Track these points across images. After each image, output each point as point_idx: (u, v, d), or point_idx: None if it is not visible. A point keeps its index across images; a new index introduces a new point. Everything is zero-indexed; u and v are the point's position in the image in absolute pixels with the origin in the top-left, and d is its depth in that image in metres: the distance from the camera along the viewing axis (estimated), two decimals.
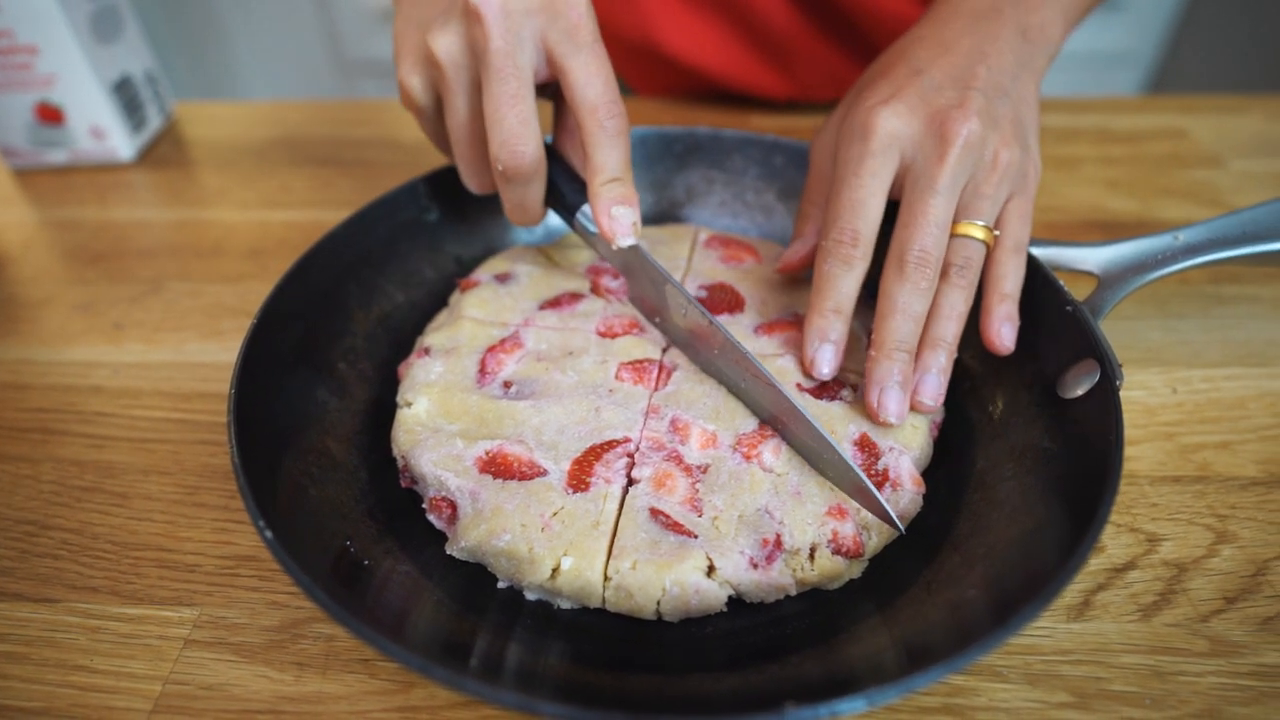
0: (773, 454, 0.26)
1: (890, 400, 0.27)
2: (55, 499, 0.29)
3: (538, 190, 0.30)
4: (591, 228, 0.30)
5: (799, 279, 0.34)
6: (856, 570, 0.25)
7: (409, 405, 0.29)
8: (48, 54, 0.46)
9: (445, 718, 0.23)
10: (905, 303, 0.27)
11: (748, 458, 0.26)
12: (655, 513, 0.25)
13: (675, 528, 0.24)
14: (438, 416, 0.29)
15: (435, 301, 0.35)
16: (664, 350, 0.31)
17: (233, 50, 2.01)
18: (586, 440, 0.27)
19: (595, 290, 0.33)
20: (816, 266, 0.29)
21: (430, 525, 0.27)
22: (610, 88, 0.28)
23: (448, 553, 0.26)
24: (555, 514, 0.25)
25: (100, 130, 0.49)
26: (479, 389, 0.30)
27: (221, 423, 0.32)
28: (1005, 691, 0.23)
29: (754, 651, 0.23)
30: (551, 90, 0.31)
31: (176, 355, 0.36)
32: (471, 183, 0.32)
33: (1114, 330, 0.35)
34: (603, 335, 0.31)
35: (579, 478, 0.26)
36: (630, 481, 0.26)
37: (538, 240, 0.39)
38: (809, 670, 0.21)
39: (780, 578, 0.24)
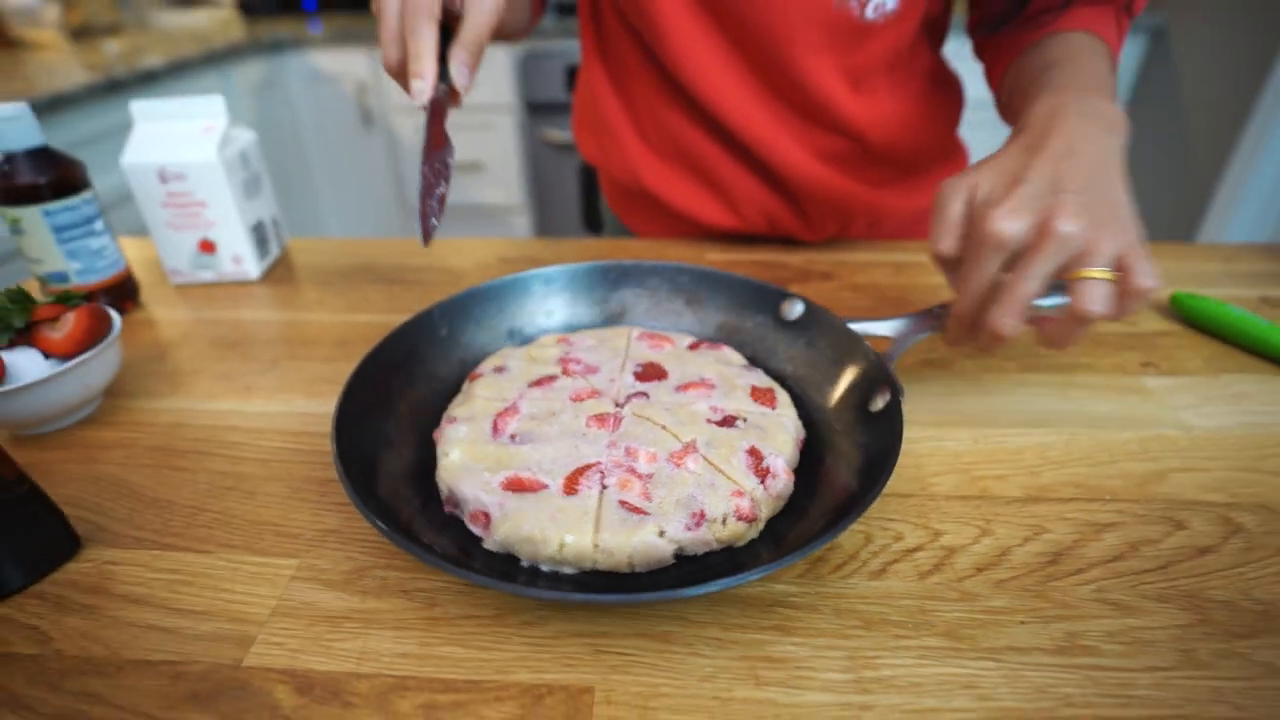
0: (694, 463, 0.39)
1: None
2: (208, 493, 0.43)
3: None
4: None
5: (700, 354, 0.48)
6: (754, 532, 0.38)
7: (447, 455, 0.40)
8: (212, 206, 0.65)
9: (457, 625, 0.34)
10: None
11: (678, 465, 0.39)
12: (622, 503, 0.37)
13: (636, 510, 0.37)
14: (469, 460, 0.40)
15: (449, 389, 0.48)
16: (616, 406, 0.45)
17: (321, 191, 2.34)
18: (571, 465, 0.39)
19: (565, 372, 0.47)
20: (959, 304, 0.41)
21: (464, 536, 0.38)
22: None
23: (485, 547, 0.37)
24: (557, 510, 0.36)
25: (239, 258, 0.68)
26: (494, 441, 0.41)
27: (317, 449, 0.46)
28: (819, 618, 0.34)
29: (690, 582, 0.34)
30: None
31: (288, 408, 0.51)
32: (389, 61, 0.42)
33: (941, 401, 0.48)
34: (574, 400, 0.44)
35: (570, 487, 0.38)
36: (604, 486, 0.38)
37: (520, 343, 0.53)
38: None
39: (705, 535, 0.36)
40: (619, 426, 0.42)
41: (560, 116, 2.14)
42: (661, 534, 0.36)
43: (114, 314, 0.51)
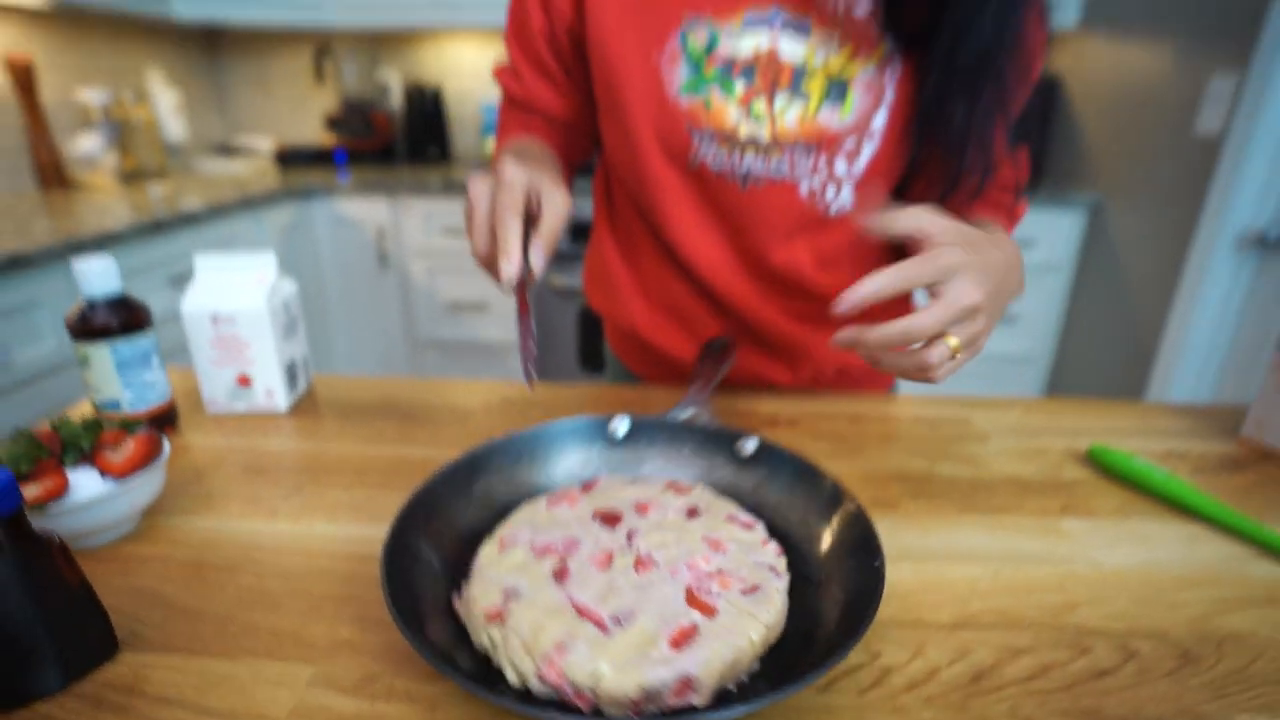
0: (727, 545, 0.47)
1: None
2: (236, 605, 0.48)
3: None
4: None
5: (599, 490, 0.53)
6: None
7: (601, 671, 0.36)
8: (254, 346, 0.75)
9: None
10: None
11: (724, 553, 0.47)
12: (743, 592, 0.43)
13: (754, 589, 0.43)
14: (621, 659, 0.37)
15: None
16: (630, 545, 0.47)
17: (334, 325, 2.48)
18: (678, 601, 0.42)
19: (564, 557, 0.45)
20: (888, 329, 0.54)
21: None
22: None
23: (697, 705, 0.37)
24: (721, 629, 0.40)
25: (271, 392, 0.76)
26: (609, 635, 0.39)
27: (335, 569, 0.52)
28: None
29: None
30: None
31: (309, 530, 0.57)
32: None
33: (886, 537, 0.54)
34: (602, 568, 0.44)
35: (706, 611, 0.41)
36: (716, 593, 0.42)
37: (451, 570, 0.47)
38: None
39: (785, 577, 0.45)
40: (657, 563, 0.45)
41: (562, 264, 2.33)
42: (778, 591, 0.43)
43: (165, 440, 0.58)
